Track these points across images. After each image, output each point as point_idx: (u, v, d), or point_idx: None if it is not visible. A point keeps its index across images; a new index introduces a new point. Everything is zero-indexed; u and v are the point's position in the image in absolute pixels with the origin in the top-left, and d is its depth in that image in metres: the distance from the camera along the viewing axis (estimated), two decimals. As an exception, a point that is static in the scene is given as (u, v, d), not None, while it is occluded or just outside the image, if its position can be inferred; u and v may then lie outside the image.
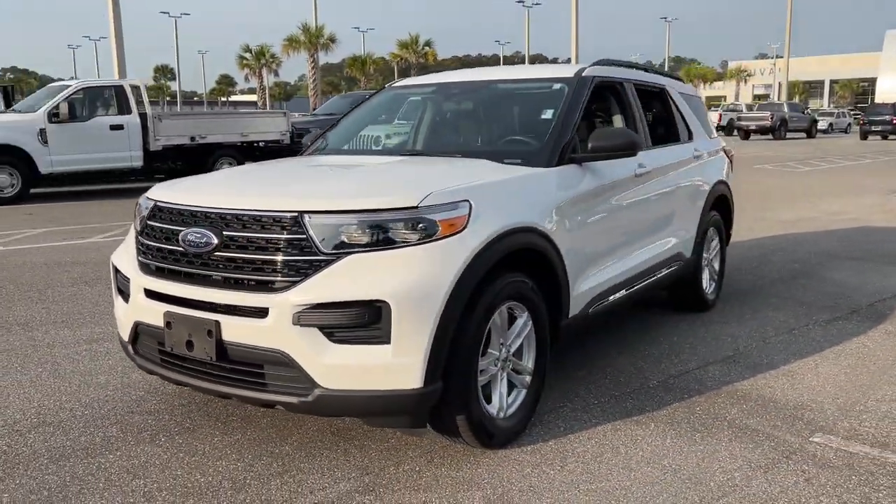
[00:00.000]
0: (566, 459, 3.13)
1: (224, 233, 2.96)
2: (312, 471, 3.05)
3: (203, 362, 2.99)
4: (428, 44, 47.75)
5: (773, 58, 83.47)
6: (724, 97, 78.43)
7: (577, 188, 3.74)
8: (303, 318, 2.77)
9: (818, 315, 5.42)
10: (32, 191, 12.32)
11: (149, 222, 3.28)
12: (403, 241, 2.85)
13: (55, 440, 3.35)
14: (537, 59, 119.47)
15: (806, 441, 3.30)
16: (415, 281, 2.79)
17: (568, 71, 4.33)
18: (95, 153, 12.49)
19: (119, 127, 12.75)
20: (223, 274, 2.94)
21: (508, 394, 3.34)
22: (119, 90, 12.92)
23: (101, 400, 3.83)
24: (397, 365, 2.78)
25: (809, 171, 18.40)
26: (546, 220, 3.41)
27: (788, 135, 36.93)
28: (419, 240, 2.85)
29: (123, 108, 12.88)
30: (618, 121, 4.60)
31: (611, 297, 4.05)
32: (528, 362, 3.42)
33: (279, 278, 2.84)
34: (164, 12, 62.20)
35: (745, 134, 36.92)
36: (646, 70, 5.30)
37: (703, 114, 5.94)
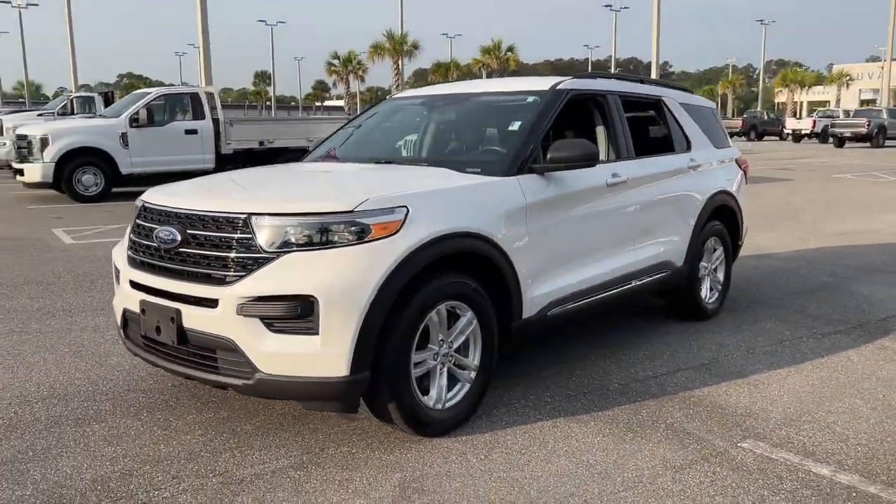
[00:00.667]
0: (493, 450, 3.35)
1: (187, 231, 3.34)
2: (262, 447, 3.38)
3: (168, 346, 3.38)
4: (510, 49, 47.99)
5: (883, 61, 79.32)
6: (828, 102, 75.02)
7: (536, 196, 3.93)
8: (245, 309, 3.11)
9: (820, 328, 5.39)
10: (114, 190, 13.27)
11: (137, 221, 3.70)
12: (337, 242, 3.15)
13: (55, 410, 3.82)
14: (630, 63, 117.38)
15: (733, 446, 3.40)
16: (343, 278, 3.08)
17: (544, 84, 4.52)
18: (171, 156, 13.35)
19: (193, 131, 13.61)
20: (185, 267, 3.32)
21: (451, 387, 3.59)
22: (194, 97, 13.79)
23: (106, 378, 4.30)
24: (325, 354, 3.08)
25: (893, 182, 17.60)
26: (494, 226, 3.63)
27: (889, 143, 35.10)
28: (351, 241, 3.15)
29: (198, 114, 13.73)
30: (600, 132, 4.76)
31: (575, 303, 4.22)
32: (474, 359, 3.66)
33: (229, 273, 3.19)
34: (262, 20, 64.84)
35: (840, 141, 35.27)
36: (642, 82, 5.41)
37: (713, 124, 5.99)
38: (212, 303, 3.20)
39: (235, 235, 3.22)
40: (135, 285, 3.56)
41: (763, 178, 17.74)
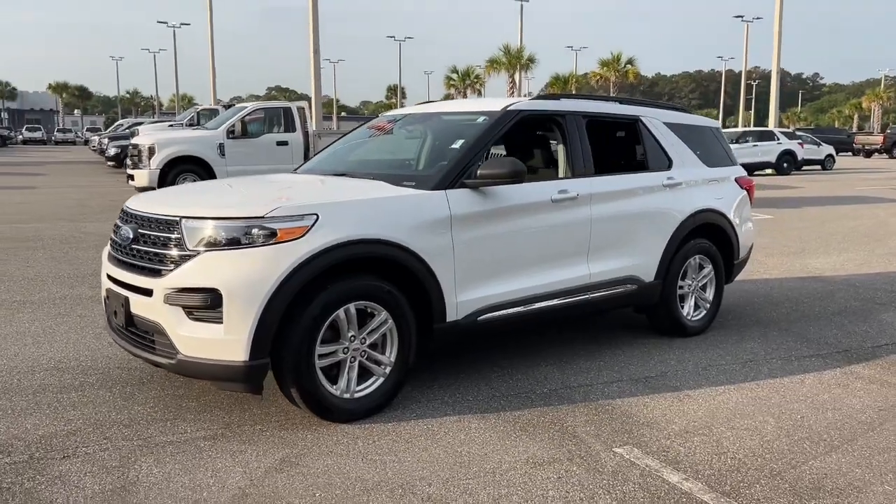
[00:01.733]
0: (384, 437, 3.70)
1: (139, 230, 3.92)
2: (192, 420, 3.89)
3: (122, 328, 3.97)
4: (630, 62, 47.23)
5: None
6: None
7: (463, 209, 4.25)
8: (170, 298, 3.64)
9: (801, 350, 5.33)
10: (213, 196, 14.43)
11: (116, 221, 4.34)
12: (247, 243, 3.62)
13: (49, 379, 4.51)
14: (758, 74, 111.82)
15: (607, 450, 3.58)
16: (246, 274, 3.55)
17: (496, 105, 4.82)
18: (264, 165, 14.36)
19: (284, 143, 14.61)
20: (134, 261, 3.90)
21: (365, 379, 3.97)
22: (287, 112, 14.83)
23: (105, 356, 4.98)
24: (228, 341, 3.55)
25: None
26: (409, 234, 3.98)
27: None
28: (259, 243, 3.61)
29: (289, 127, 14.74)
30: (559, 150, 4.99)
31: (511, 310, 4.48)
32: (390, 356, 4.02)
33: (162, 267, 3.73)
34: (391, 36, 67.18)
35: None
36: (620, 102, 5.57)
37: (710, 143, 6.02)
38: (149, 292, 3.75)
39: (171, 235, 3.76)
40: (108, 276, 4.19)
41: (876, 199, 16.81)
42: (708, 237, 5.78)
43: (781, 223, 13.07)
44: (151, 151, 13.82)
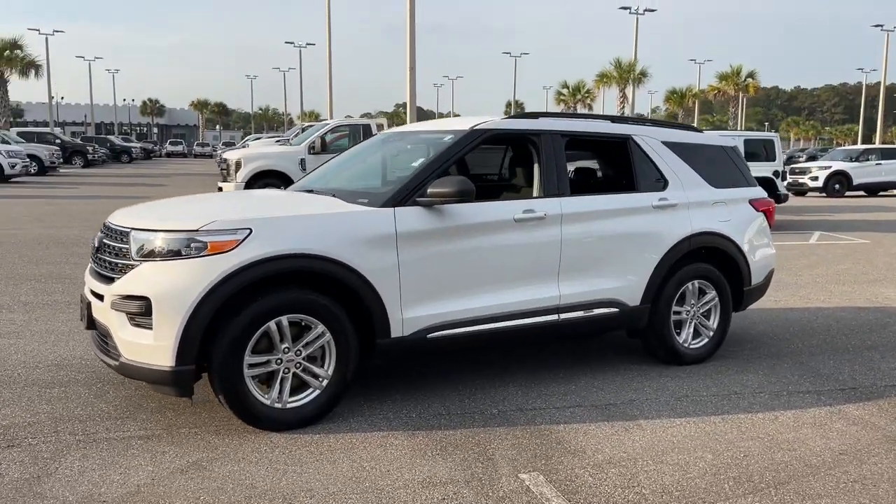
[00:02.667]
0: (302, 448, 3.79)
1: (103, 240, 4.23)
2: (141, 419, 4.14)
3: (86, 330, 4.29)
4: (751, 75, 45.03)
5: None
6: None
7: (412, 227, 4.29)
8: (115, 304, 3.91)
9: (803, 386, 5.00)
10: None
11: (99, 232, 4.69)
12: (180, 255, 3.83)
13: (44, 375, 4.89)
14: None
15: (511, 474, 3.51)
16: (174, 284, 3.76)
17: (465, 124, 4.84)
18: (343, 179, 14.90)
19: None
20: (97, 269, 4.21)
21: (301, 391, 4.08)
22: (365, 128, 15.31)
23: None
24: (157, 346, 3.77)
25: None
26: (347, 250, 4.07)
27: None
28: (190, 255, 3.82)
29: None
30: (533, 169, 4.93)
31: (464, 329, 4.47)
32: (327, 369, 4.12)
33: (113, 275, 4.01)
34: (506, 52, 67.52)
35: None
36: (613, 120, 5.43)
37: (720, 164, 5.75)
38: (102, 298, 4.04)
39: (123, 246, 4.04)
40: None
41: None
42: (710, 261, 5.52)
43: (875, 249, 12.16)
44: (238, 165, 14.60)
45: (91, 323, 4.20)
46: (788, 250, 11.60)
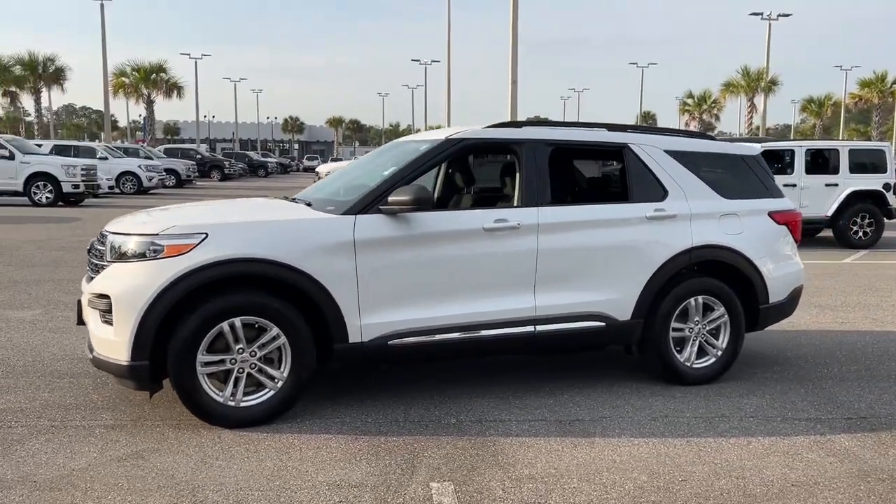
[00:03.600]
0: (241, 445, 3.93)
1: (94, 244, 4.58)
2: (113, 408, 4.43)
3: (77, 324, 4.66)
4: (898, 81, 41.53)
5: None
6: None
7: (372, 234, 4.36)
8: (90, 302, 4.24)
9: (804, 413, 4.64)
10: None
11: (105, 236, 5.07)
12: (140, 257, 4.09)
13: (63, 366, 5.32)
14: None
15: (423, 483, 3.49)
16: (131, 284, 4.02)
17: (443, 134, 4.85)
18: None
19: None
20: (88, 270, 4.57)
21: (257, 391, 4.24)
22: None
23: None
24: (116, 342, 4.04)
25: None
26: (302, 256, 4.19)
27: None
28: (149, 257, 4.07)
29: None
30: (514, 177, 4.88)
31: (427, 337, 4.47)
32: (283, 371, 4.25)
33: (94, 275, 4.34)
34: (633, 63, 66.07)
35: None
36: (609, 128, 5.25)
37: (734, 173, 5.43)
38: (83, 296, 4.38)
39: (102, 248, 4.36)
40: (89, 282, 4.92)
41: None
42: (718, 276, 5.22)
43: None
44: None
45: (81, 319, 4.55)
46: (885, 269, 10.68)
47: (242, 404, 4.21)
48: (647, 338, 5.06)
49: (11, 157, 20.15)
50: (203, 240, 4.10)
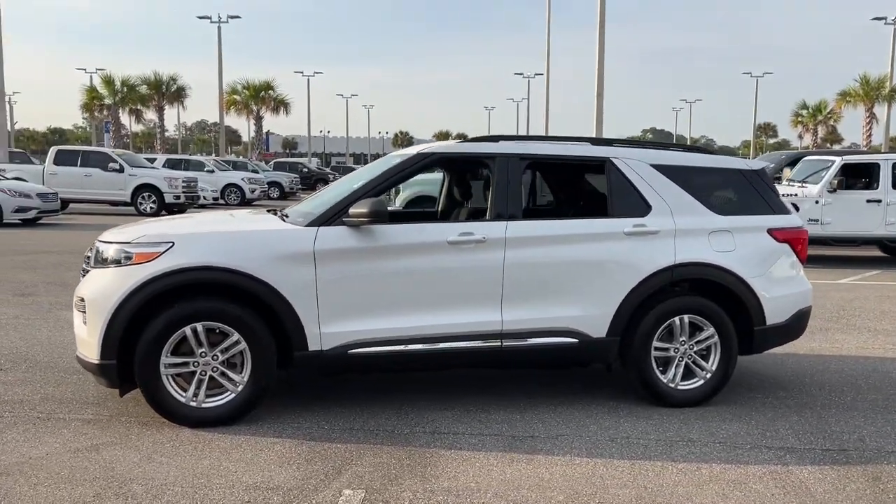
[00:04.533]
0: (193, 444, 4.13)
1: (89, 251, 4.95)
2: (95, 404, 4.75)
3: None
4: None
5: None
6: None
7: (333, 245, 4.49)
8: (75, 304, 4.58)
9: (784, 442, 4.40)
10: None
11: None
12: (114, 263, 4.40)
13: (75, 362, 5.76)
14: None
15: (338, 489, 3.58)
16: (102, 288, 4.33)
17: (415, 149, 4.93)
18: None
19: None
20: (81, 274, 4.94)
21: (220, 393, 4.45)
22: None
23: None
24: (88, 342, 4.36)
25: None
26: (263, 265, 4.36)
27: None
28: (118, 263, 4.37)
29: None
30: (490, 191, 4.89)
31: (389, 347, 4.54)
32: (243, 375, 4.44)
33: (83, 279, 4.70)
34: (746, 72, 63.48)
35: None
36: (593, 142, 5.17)
37: (730, 188, 5.22)
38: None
39: (89, 255, 4.71)
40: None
41: None
42: (708, 295, 5.02)
43: None
44: (397, 192, 15.50)
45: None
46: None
47: (204, 405, 4.42)
48: (626, 356, 4.93)
49: (121, 169, 21.73)
50: (169, 248, 4.35)
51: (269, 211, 5.26)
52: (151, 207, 21.54)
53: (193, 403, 4.41)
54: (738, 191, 5.24)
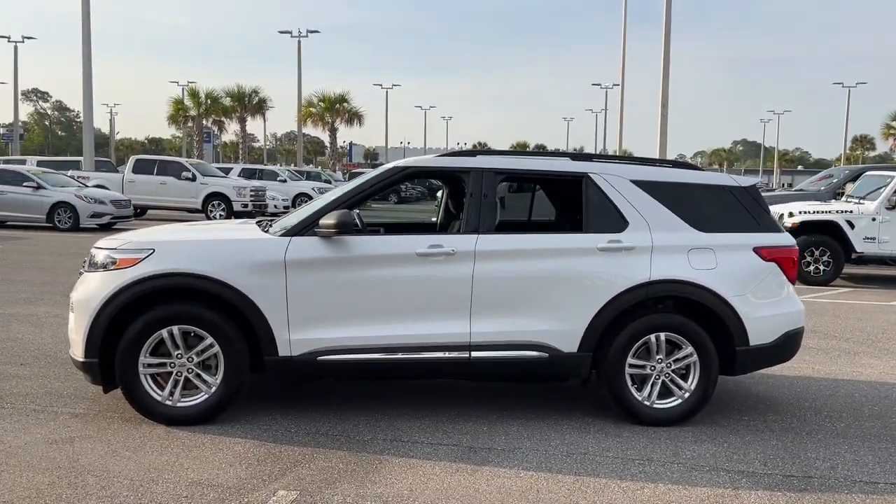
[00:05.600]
0: (159, 440, 4.36)
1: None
2: (96, 401, 5.06)
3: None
4: None
5: None
6: None
7: (304, 255, 4.66)
8: (70, 306, 4.91)
9: (746, 466, 4.29)
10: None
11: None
12: (101, 267, 4.69)
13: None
14: None
15: (274, 489, 3.72)
16: (87, 290, 4.63)
17: (392, 164, 5.06)
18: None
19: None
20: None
21: (195, 394, 4.67)
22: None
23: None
24: (75, 341, 4.66)
25: None
26: (234, 272, 4.56)
27: None
28: (105, 268, 4.66)
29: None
30: (466, 204, 4.97)
31: (357, 355, 4.66)
32: (216, 377, 4.66)
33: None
34: (838, 83, 60.79)
35: None
36: (573, 157, 5.16)
37: (715, 204, 5.10)
38: (74, 302, 5.08)
39: (85, 259, 5.04)
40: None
41: None
42: (689, 314, 4.94)
43: None
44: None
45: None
46: None
47: (179, 405, 4.65)
48: (600, 372, 4.90)
49: (194, 178, 22.72)
50: (149, 255, 4.61)
51: (257, 222, 5.49)
52: (221, 215, 22.40)
53: (169, 402, 4.64)
54: (724, 208, 5.13)
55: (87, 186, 20.56)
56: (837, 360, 6.99)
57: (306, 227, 4.74)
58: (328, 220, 4.61)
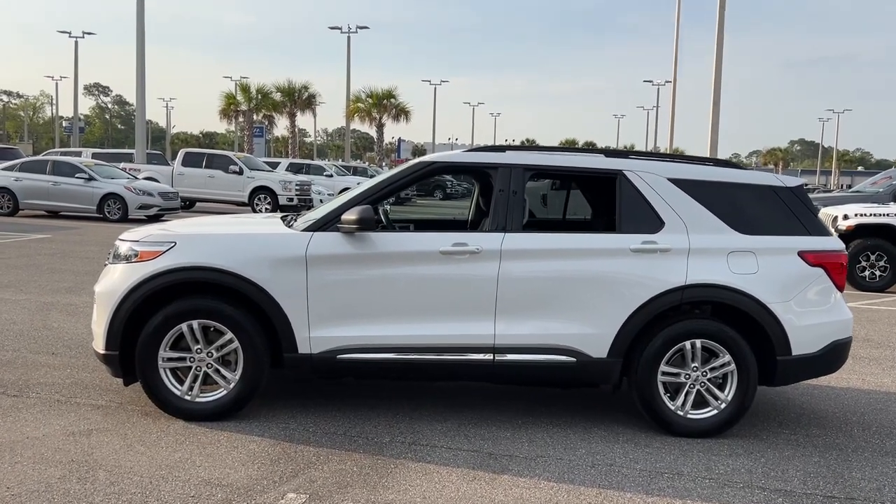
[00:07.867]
0: (174, 435, 4.30)
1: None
2: (118, 393, 5.04)
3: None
4: None
5: None
6: None
7: (325, 251, 4.55)
8: (94, 297, 4.90)
9: (782, 484, 4.05)
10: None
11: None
12: (123, 259, 4.66)
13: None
14: None
15: (284, 491, 3.61)
16: (109, 282, 4.61)
17: (419, 158, 4.92)
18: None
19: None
20: (108, 270, 5.27)
21: (213, 389, 4.61)
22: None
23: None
24: (97, 334, 4.64)
25: None
26: (254, 267, 4.48)
27: None
28: (127, 260, 4.63)
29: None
30: (486, 201, 4.80)
31: (378, 355, 4.54)
32: (235, 373, 4.59)
33: (105, 275, 5.02)
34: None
35: None
36: (607, 154, 4.94)
37: (758, 205, 4.82)
38: (100, 294, 5.07)
39: (110, 251, 5.03)
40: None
41: None
42: (723, 319, 4.69)
43: None
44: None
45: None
46: None
47: (198, 400, 4.59)
48: (631, 379, 4.69)
49: (241, 172, 22.96)
50: (170, 248, 4.56)
51: (282, 217, 5.39)
52: (267, 208, 22.59)
53: (188, 397, 4.59)
54: (769, 209, 4.85)
55: (137, 178, 20.93)
56: (891, 371, 6.62)
57: (329, 223, 4.63)
58: (350, 215, 4.50)
